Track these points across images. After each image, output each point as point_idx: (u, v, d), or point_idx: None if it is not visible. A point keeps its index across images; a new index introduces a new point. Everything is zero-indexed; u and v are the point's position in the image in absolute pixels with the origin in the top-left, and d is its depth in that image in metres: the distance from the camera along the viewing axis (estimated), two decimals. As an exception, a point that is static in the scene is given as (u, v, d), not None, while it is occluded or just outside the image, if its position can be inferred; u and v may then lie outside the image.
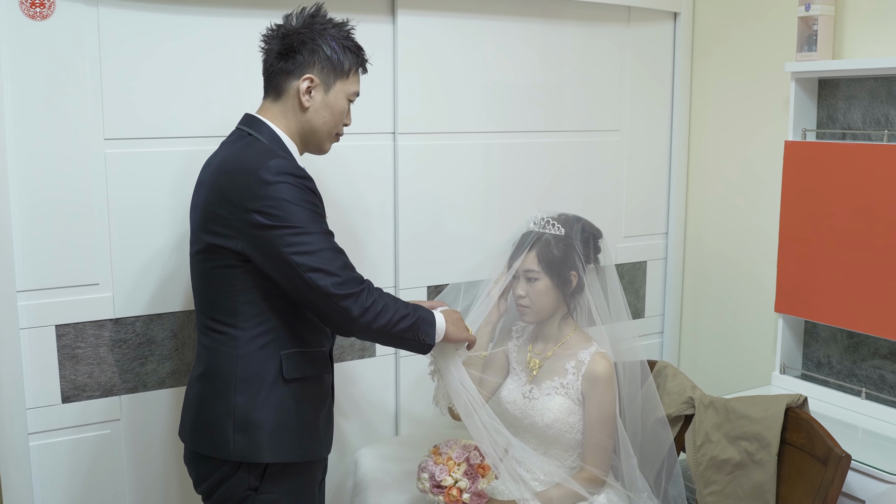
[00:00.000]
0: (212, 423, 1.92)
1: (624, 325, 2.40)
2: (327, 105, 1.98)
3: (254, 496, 1.93)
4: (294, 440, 1.94)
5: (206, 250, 1.91)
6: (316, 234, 1.82)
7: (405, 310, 1.93)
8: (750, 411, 2.28)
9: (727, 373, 3.14)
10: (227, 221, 1.85)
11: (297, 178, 1.84)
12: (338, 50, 1.95)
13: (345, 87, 1.99)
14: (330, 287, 1.81)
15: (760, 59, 2.91)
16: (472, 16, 2.69)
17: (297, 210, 1.81)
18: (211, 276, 1.92)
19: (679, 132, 3.18)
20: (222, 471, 1.93)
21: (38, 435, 2.21)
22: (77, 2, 2.13)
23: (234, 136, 1.99)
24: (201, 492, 2.01)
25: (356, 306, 1.84)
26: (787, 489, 2.20)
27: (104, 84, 2.19)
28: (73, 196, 2.19)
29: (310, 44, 1.93)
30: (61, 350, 2.22)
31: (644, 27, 3.07)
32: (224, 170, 1.89)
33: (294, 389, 1.94)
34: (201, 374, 1.97)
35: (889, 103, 2.54)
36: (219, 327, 1.93)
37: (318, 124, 1.99)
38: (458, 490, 2.14)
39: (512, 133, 2.84)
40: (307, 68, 1.94)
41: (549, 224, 2.32)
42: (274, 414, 1.91)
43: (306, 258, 1.81)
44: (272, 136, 1.95)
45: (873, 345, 2.65)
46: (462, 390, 2.13)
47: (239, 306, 1.90)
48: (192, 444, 1.99)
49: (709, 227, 3.18)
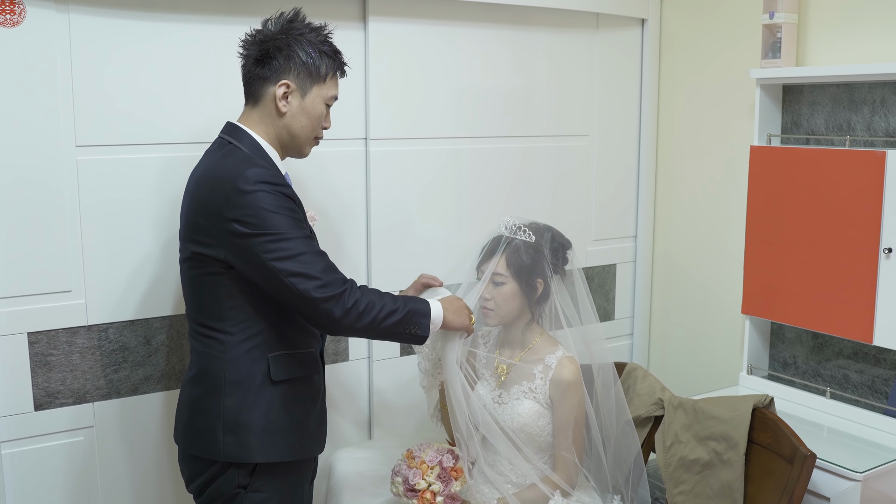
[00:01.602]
0: (202, 424, 1.95)
1: (593, 327, 2.44)
2: (304, 110, 1.99)
3: (243, 494, 1.95)
4: (283, 440, 1.96)
5: (191, 258, 1.94)
6: (295, 240, 1.84)
7: (393, 305, 1.95)
8: (718, 412, 2.33)
9: (695, 374, 3.19)
10: (209, 231, 1.88)
11: (273, 186, 1.85)
12: (314, 55, 1.96)
13: (322, 91, 2.00)
14: (311, 291, 1.83)
15: (726, 65, 2.96)
16: (442, 22, 2.71)
17: (274, 217, 1.83)
18: (198, 282, 1.95)
19: (647, 137, 3.23)
20: (212, 469, 1.96)
21: (10, 443, 2.20)
22: (48, 8, 2.12)
23: (216, 144, 2.01)
24: (192, 490, 2.04)
25: (338, 308, 1.86)
26: (755, 488, 2.25)
27: (76, 91, 2.18)
28: (45, 203, 2.18)
29: (286, 49, 1.94)
30: (34, 357, 2.21)
31: (612, 33, 3.11)
32: (204, 180, 1.91)
33: (282, 391, 1.97)
34: (193, 376, 2.00)
35: (851, 109, 2.60)
36: (208, 332, 1.95)
37: (296, 129, 2.00)
38: (431, 493, 2.16)
39: (483, 138, 2.87)
40: (283, 74, 1.95)
41: (521, 230, 2.34)
42: (263, 415, 1.94)
43: (286, 263, 1.83)
44: (252, 143, 1.97)
45: (837, 345, 2.70)
46: (457, 374, 2.16)
47: (226, 312, 1.93)
48: (183, 445, 2.02)
49: (677, 230, 3.23)
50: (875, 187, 2.41)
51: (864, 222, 2.45)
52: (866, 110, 2.56)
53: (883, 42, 2.51)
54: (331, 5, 2.47)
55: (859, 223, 2.46)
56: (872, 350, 2.60)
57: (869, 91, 2.55)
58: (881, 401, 2.58)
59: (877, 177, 2.40)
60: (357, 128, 2.62)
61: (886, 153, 2.38)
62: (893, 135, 2.50)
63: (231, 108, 2.19)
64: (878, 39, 2.52)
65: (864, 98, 2.56)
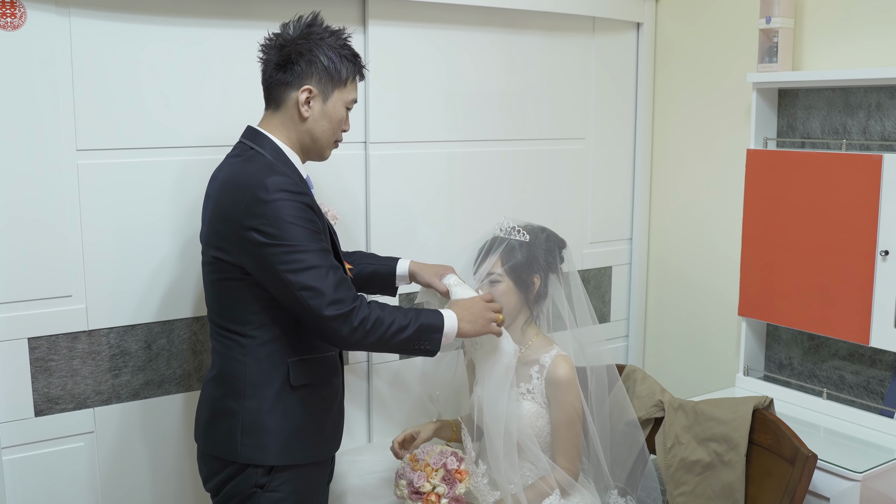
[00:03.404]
0: (221, 425, 1.97)
1: (590, 329, 2.45)
2: (326, 114, 2.00)
3: (260, 494, 1.96)
4: (301, 443, 1.98)
5: (212, 262, 1.96)
6: (311, 252, 1.85)
7: (403, 320, 1.95)
8: (718, 413, 2.34)
9: (692, 375, 3.21)
10: (228, 237, 1.89)
11: (293, 195, 1.86)
12: (335, 59, 1.97)
13: (342, 95, 2.01)
14: (320, 308, 1.84)
15: (722, 69, 2.98)
16: (441, 26, 2.71)
17: (292, 228, 1.84)
18: (218, 286, 1.97)
19: (643, 140, 3.25)
20: (230, 469, 1.97)
21: (10, 449, 2.18)
22: (48, 11, 2.11)
23: (238, 149, 2.01)
24: (210, 489, 2.05)
25: (345, 327, 1.87)
26: (756, 489, 2.26)
27: (76, 95, 2.17)
28: (46, 207, 2.16)
29: (307, 54, 1.95)
30: (34, 363, 2.19)
31: (608, 37, 3.12)
32: (227, 186, 1.92)
33: (301, 395, 1.98)
34: (214, 376, 2.01)
35: (846, 113, 2.62)
36: (228, 334, 1.97)
37: (318, 133, 2.01)
38: (436, 496, 2.16)
39: (481, 142, 2.88)
40: (305, 79, 1.96)
41: (515, 231, 2.37)
42: (281, 419, 1.95)
43: (299, 276, 1.84)
44: (274, 148, 1.97)
45: (833, 346, 2.73)
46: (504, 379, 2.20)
47: (246, 315, 1.94)
48: (202, 444, 2.04)
49: (672, 232, 3.25)
50: (871, 190, 2.43)
51: (860, 225, 2.47)
52: (862, 114, 2.58)
53: (878, 47, 2.53)
54: (330, 9, 2.47)
55: (856, 226, 2.48)
56: (868, 351, 2.62)
57: (864, 95, 2.57)
58: (877, 401, 2.60)
59: (873, 180, 2.43)
60: (357, 131, 2.61)
61: (883, 157, 2.40)
62: (889, 138, 2.53)
63: (237, 112, 2.19)
64: (873, 44, 2.55)
65: (859, 102, 2.59)
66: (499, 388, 2.20)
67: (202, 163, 2.33)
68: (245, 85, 2.33)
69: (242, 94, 2.35)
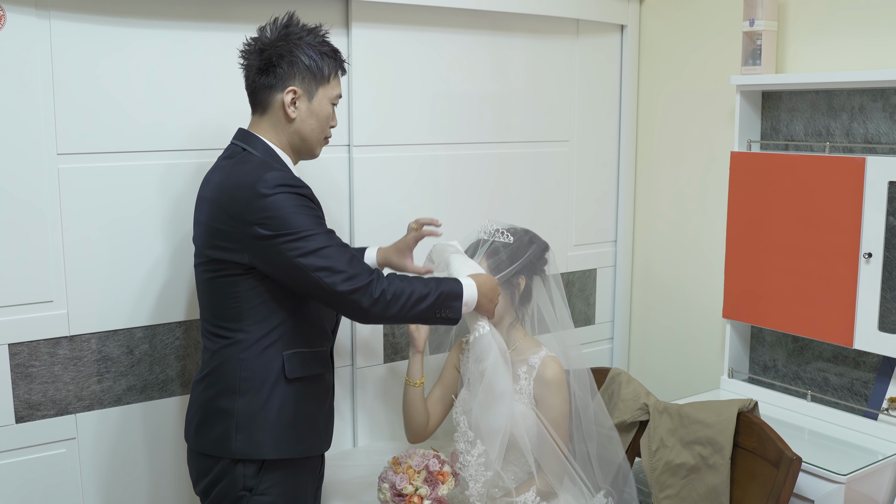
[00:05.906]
0: (214, 422, 1.97)
1: (571, 332, 2.47)
2: (313, 113, 2.02)
3: (248, 497, 1.97)
4: (294, 437, 1.99)
5: (208, 262, 1.97)
6: (317, 235, 1.88)
7: (423, 290, 1.98)
8: (703, 416, 2.34)
9: (676, 377, 3.21)
10: (231, 236, 1.91)
11: (293, 188, 1.89)
12: (316, 57, 1.98)
13: (327, 92, 2.03)
14: (337, 284, 1.87)
15: (706, 71, 2.99)
16: (425, 28, 2.71)
17: (295, 216, 1.87)
18: (215, 285, 1.98)
19: (627, 142, 3.25)
20: (219, 467, 1.97)
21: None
22: (28, 14, 2.09)
23: (229, 151, 2.03)
24: (199, 491, 2.06)
25: (366, 298, 1.90)
26: (741, 492, 2.27)
27: (57, 98, 2.15)
28: (26, 213, 2.14)
29: (288, 56, 1.96)
30: (14, 369, 2.17)
31: (592, 39, 3.12)
32: (224, 187, 1.94)
33: (296, 389, 1.99)
34: (205, 376, 2.02)
35: (829, 116, 2.63)
36: (223, 332, 1.98)
37: (307, 132, 2.03)
38: (419, 497, 2.16)
39: (465, 144, 2.87)
40: (288, 80, 1.97)
41: (499, 233, 2.38)
42: (276, 412, 1.97)
43: (311, 259, 1.86)
44: (266, 149, 2.00)
45: (817, 348, 2.74)
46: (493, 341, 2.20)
47: (244, 312, 1.96)
48: (194, 444, 2.04)
49: (657, 234, 3.25)
50: (855, 193, 2.44)
51: (844, 227, 2.48)
52: (845, 117, 2.59)
53: (862, 49, 2.54)
54: (314, 11, 2.46)
55: (839, 228, 2.49)
56: (852, 353, 2.63)
57: (848, 98, 2.58)
58: (861, 403, 2.61)
59: (856, 183, 2.44)
60: (340, 134, 2.60)
61: (866, 159, 2.41)
62: (872, 141, 2.53)
63: (220, 114, 2.18)
64: (856, 47, 2.56)
65: (842, 105, 2.60)
66: (502, 377, 2.20)
67: (185, 166, 2.32)
68: (227, 86, 2.32)
69: (225, 95, 2.34)
